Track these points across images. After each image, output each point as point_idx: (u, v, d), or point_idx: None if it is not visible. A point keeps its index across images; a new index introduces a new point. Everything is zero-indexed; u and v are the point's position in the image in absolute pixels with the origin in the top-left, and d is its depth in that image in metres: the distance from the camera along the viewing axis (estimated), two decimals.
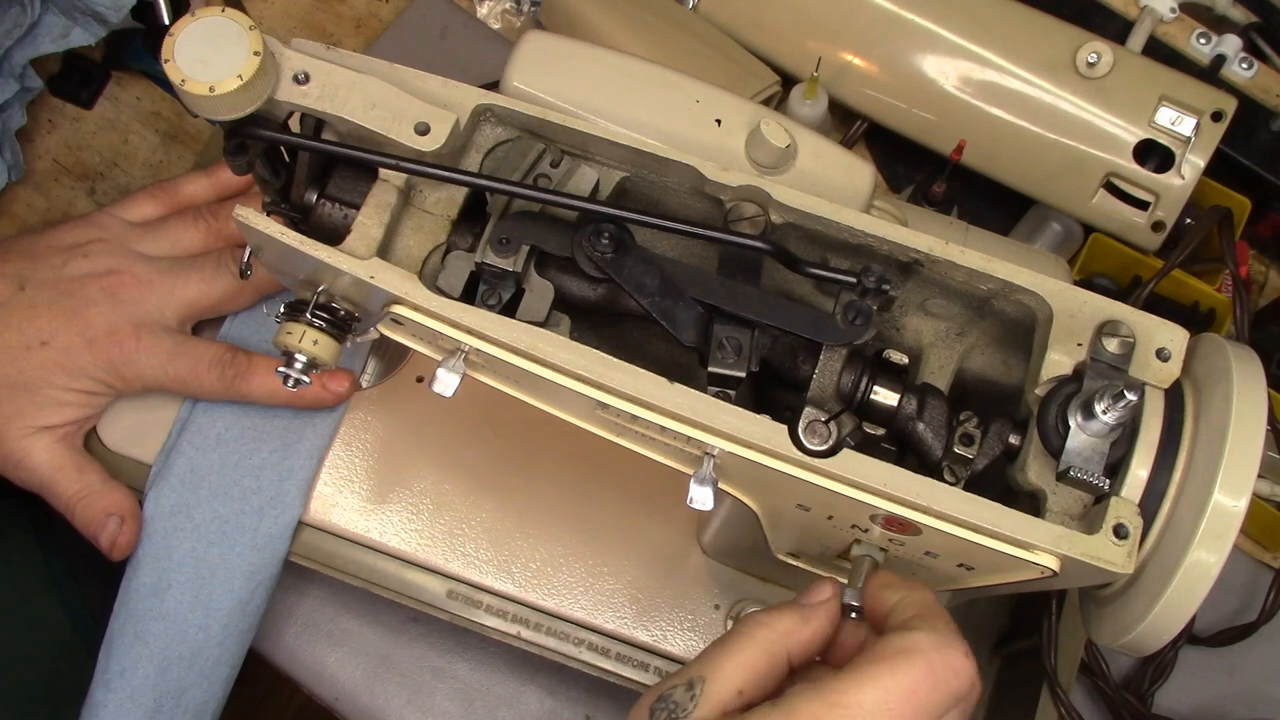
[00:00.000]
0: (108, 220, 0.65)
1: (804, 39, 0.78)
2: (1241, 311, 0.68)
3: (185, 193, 0.68)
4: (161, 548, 0.63)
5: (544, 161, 0.50)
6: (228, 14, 0.45)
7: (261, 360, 0.63)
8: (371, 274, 0.47)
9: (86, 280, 0.62)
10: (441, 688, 0.72)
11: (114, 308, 0.61)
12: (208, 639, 0.63)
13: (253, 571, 0.64)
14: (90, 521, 0.62)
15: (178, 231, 0.65)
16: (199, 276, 0.63)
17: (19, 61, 0.76)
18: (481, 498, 0.67)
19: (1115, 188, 0.75)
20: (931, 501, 0.45)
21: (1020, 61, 0.75)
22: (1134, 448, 0.45)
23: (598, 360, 0.46)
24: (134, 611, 0.63)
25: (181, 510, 0.64)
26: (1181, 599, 0.44)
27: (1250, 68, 0.78)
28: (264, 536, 0.64)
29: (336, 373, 0.64)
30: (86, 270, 0.62)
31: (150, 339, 0.62)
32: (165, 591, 0.63)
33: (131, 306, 0.62)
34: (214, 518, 0.64)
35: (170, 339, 0.62)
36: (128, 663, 0.62)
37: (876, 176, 0.60)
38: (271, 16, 0.87)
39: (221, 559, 0.63)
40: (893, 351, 0.50)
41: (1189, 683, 0.75)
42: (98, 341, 0.61)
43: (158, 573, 0.63)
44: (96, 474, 0.63)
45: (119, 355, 0.61)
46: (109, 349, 0.61)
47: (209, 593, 0.63)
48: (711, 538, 0.65)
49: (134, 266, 0.63)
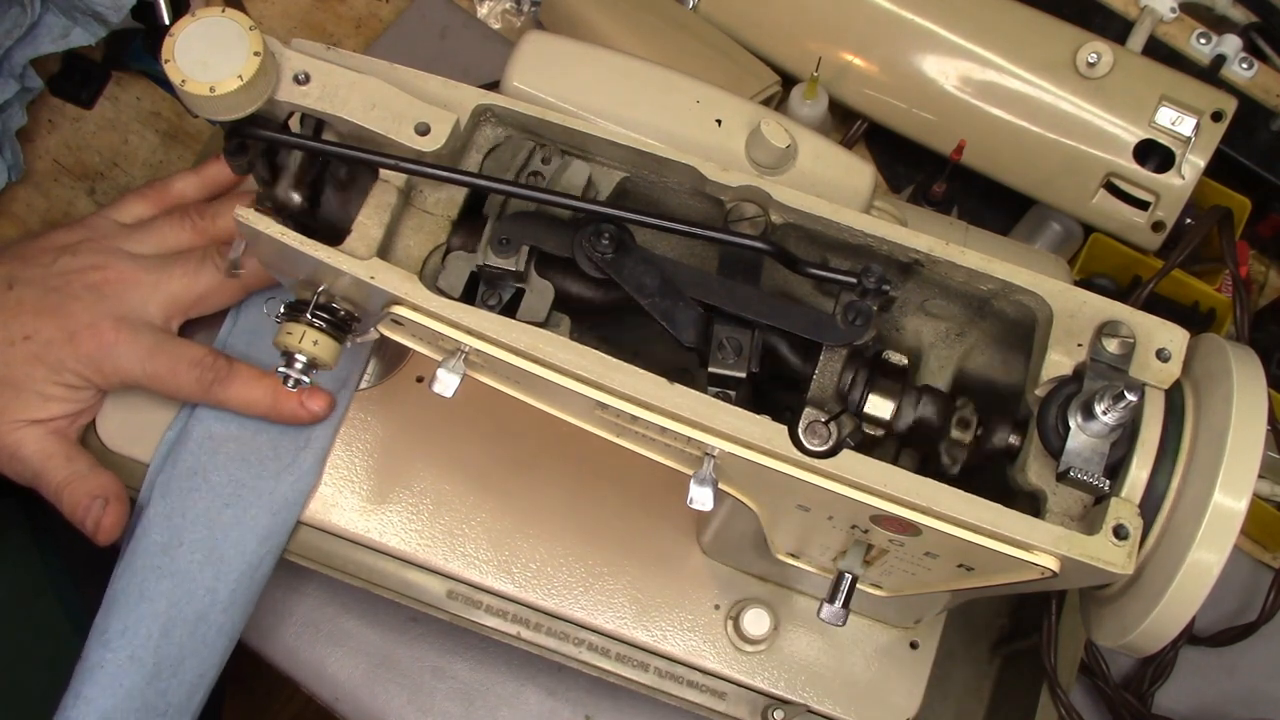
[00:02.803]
0: (99, 221, 0.66)
1: (804, 39, 0.78)
2: (1241, 311, 0.68)
3: (175, 191, 0.68)
4: (175, 506, 0.63)
5: (536, 159, 0.50)
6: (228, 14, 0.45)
7: (243, 368, 0.63)
8: (371, 274, 0.47)
9: (72, 277, 0.62)
10: (441, 688, 0.72)
11: (96, 303, 0.62)
12: (214, 602, 0.62)
13: (265, 535, 0.64)
14: (76, 505, 0.62)
15: (165, 230, 0.65)
16: (183, 271, 0.63)
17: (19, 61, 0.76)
18: (481, 498, 0.67)
19: (1115, 188, 0.75)
20: (931, 502, 0.45)
21: (1020, 61, 0.75)
22: (1134, 448, 0.45)
23: (598, 360, 0.46)
24: (141, 568, 0.62)
25: (198, 472, 0.64)
26: (1182, 599, 0.44)
27: (1250, 68, 0.78)
28: (279, 500, 0.64)
29: (315, 391, 0.64)
30: (73, 267, 0.63)
31: (130, 334, 0.62)
32: (175, 549, 0.62)
33: (113, 301, 0.62)
34: (230, 480, 0.64)
35: (152, 336, 0.62)
36: (130, 621, 0.61)
37: (876, 177, 0.60)
38: (271, 16, 0.87)
39: (235, 520, 0.63)
40: (892, 352, 0.50)
41: (1189, 683, 0.75)
42: (78, 335, 0.61)
43: (169, 531, 0.63)
44: (85, 460, 0.63)
45: (98, 349, 0.61)
46: (88, 342, 0.61)
47: (220, 554, 0.63)
48: (711, 538, 0.65)
49: (119, 263, 0.63)
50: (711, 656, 0.65)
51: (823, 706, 0.65)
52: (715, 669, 0.65)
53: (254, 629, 0.71)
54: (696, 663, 0.65)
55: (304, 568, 0.66)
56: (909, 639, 0.66)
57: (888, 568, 0.54)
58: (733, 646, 0.65)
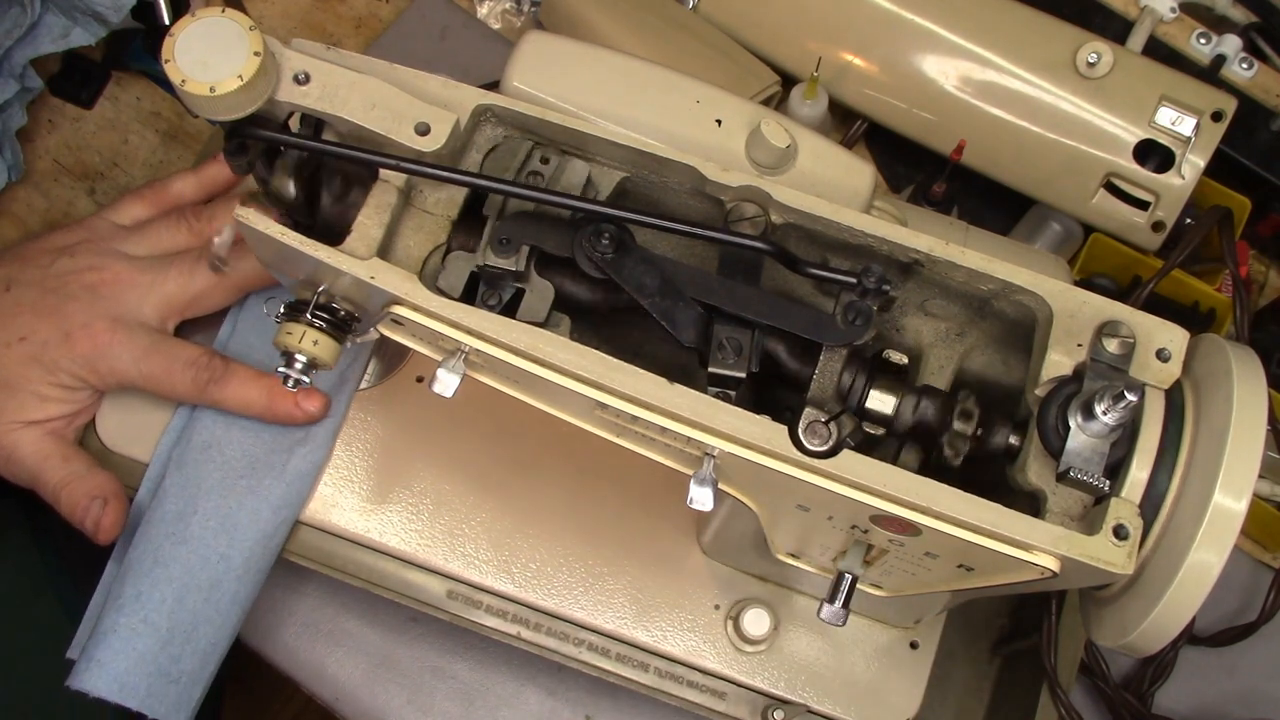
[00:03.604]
0: (97, 223, 0.66)
1: (804, 39, 0.78)
2: (1241, 311, 0.68)
3: (173, 193, 0.68)
4: (190, 477, 0.63)
5: (535, 159, 0.50)
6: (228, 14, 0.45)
7: (239, 368, 0.63)
8: (372, 274, 0.47)
9: (68, 278, 0.63)
10: (441, 688, 0.72)
11: (92, 303, 0.62)
12: (228, 570, 0.62)
13: (280, 505, 0.64)
14: (75, 506, 0.62)
15: (161, 232, 0.66)
16: (177, 271, 0.63)
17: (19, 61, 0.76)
18: (481, 498, 0.67)
19: (1115, 188, 0.75)
20: (931, 502, 0.45)
21: (1020, 61, 0.75)
22: (1134, 448, 0.45)
23: (598, 361, 0.46)
24: (155, 536, 0.62)
25: (213, 445, 0.64)
26: (1182, 600, 0.44)
27: (1250, 68, 0.78)
28: (292, 473, 0.65)
29: (311, 392, 0.64)
30: (70, 268, 0.63)
31: (125, 334, 0.62)
32: (190, 516, 0.63)
33: (109, 302, 0.62)
34: (244, 454, 0.64)
35: (147, 336, 0.63)
36: (144, 586, 0.61)
37: (876, 177, 0.60)
38: (271, 16, 0.87)
39: (249, 489, 0.63)
40: (892, 352, 0.50)
41: (1189, 683, 0.75)
42: (73, 335, 0.61)
43: (184, 500, 0.63)
44: (82, 461, 0.63)
45: (93, 349, 0.61)
46: (83, 343, 0.61)
47: (234, 522, 0.63)
48: (711, 538, 0.65)
49: (115, 264, 0.63)
50: (711, 656, 0.65)
51: (823, 706, 0.65)
52: (715, 669, 0.65)
53: (254, 629, 0.71)
54: (696, 663, 0.65)
55: (304, 568, 0.66)
56: (909, 639, 0.66)
57: (888, 568, 0.54)
58: (733, 646, 0.65)
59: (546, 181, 0.50)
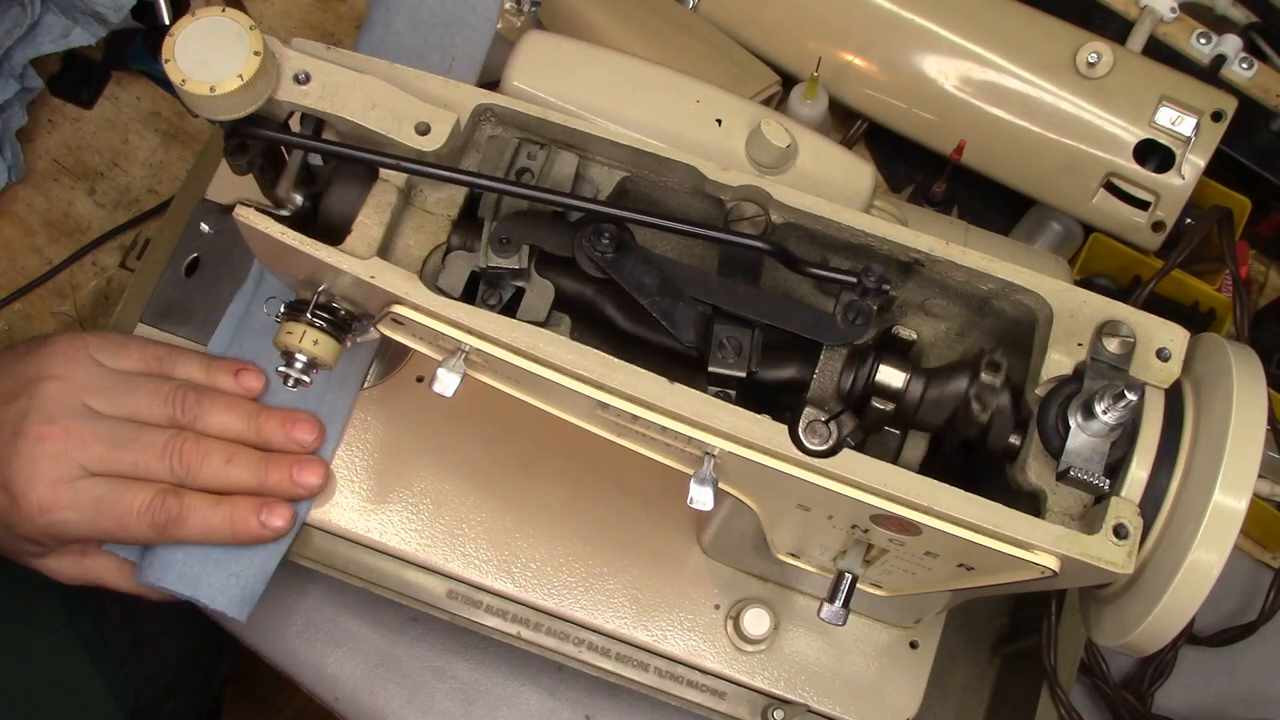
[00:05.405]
0: (81, 358, 0.61)
1: (804, 39, 0.78)
2: (1241, 311, 0.68)
3: (179, 369, 0.63)
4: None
5: (522, 155, 0.50)
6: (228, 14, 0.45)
7: (195, 501, 0.60)
8: (372, 274, 0.47)
9: (20, 423, 0.58)
10: (441, 688, 0.72)
11: (33, 462, 0.58)
12: None
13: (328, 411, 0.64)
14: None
15: (139, 395, 0.61)
16: (127, 490, 0.59)
17: (19, 61, 0.76)
18: (481, 498, 0.67)
19: (1115, 188, 0.75)
20: (932, 501, 0.45)
21: (1020, 61, 0.75)
22: (1134, 448, 0.45)
23: (598, 360, 0.46)
24: None
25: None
26: (1182, 599, 0.44)
27: (1250, 68, 0.78)
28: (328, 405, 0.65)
29: (274, 506, 0.61)
30: (27, 410, 0.59)
31: (70, 496, 0.58)
32: None
33: (52, 463, 0.58)
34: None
35: (91, 491, 0.58)
36: None
37: (876, 176, 0.60)
38: (271, 16, 0.87)
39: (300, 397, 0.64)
40: (901, 328, 0.49)
41: (1189, 683, 0.75)
42: (18, 501, 0.58)
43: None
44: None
45: (39, 515, 0.58)
46: (27, 508, 0.58)
47: None
48: (711, 538, 0.65)
49: (69, 421, 0.59)
50: (711, 656, 0.65)
51: (823, 706, 0.65)
52: (715, 669, 0.65)
53: (254, 629, 0.71)
54: (696, 663, 0.65)
55: (304, 568, 0.66)
56: (909, 639, 0.66)
57: (888, 567, 0.54)
58: (733, 646, 0.65)
59: (537, 176, 0.50)
